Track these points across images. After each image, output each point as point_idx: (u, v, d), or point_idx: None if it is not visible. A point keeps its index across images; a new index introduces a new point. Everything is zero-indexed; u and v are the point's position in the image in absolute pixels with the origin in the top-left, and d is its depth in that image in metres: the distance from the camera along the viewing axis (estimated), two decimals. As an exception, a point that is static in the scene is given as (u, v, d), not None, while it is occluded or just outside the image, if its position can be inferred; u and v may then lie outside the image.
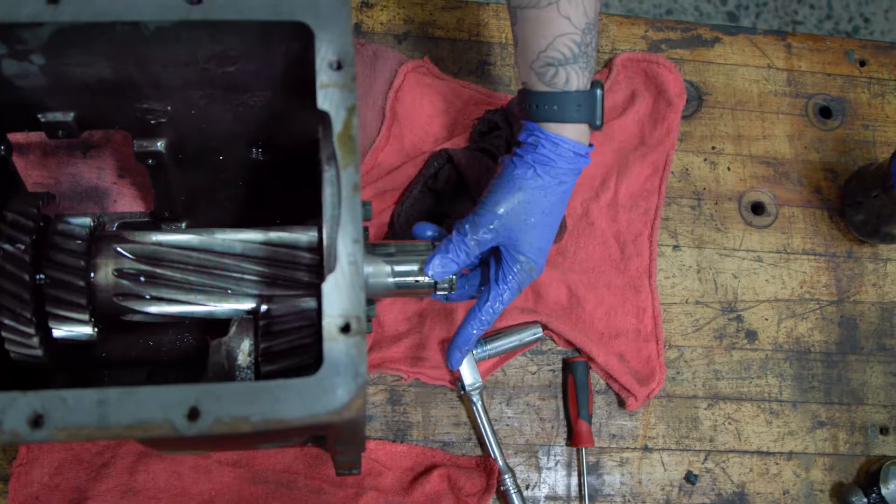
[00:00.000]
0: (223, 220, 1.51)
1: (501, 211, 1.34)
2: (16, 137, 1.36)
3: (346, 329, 1.00)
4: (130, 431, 0.96)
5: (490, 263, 1.41)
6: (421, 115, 1.69)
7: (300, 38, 1.13)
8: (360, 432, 1.11)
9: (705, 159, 1.77)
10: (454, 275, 1.36)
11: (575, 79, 1.31)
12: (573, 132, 1.33)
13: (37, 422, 0.95)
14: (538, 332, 1.59)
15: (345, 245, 1.02)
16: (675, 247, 1.71)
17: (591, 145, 1.37)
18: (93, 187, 1.58)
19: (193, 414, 0.96)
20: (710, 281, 1.70)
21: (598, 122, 1.35)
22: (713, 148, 1.78)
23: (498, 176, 1.36)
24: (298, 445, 1.29)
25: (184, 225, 1.51)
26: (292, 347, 1.24)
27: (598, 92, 1.34)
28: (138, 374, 1.48)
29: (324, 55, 1.07)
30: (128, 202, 1.59)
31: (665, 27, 1.83)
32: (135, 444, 1.48)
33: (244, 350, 1.25)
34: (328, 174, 1.09)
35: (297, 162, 1.41)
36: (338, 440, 1.12)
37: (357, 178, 1.04)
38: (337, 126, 1.05)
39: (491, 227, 1.34)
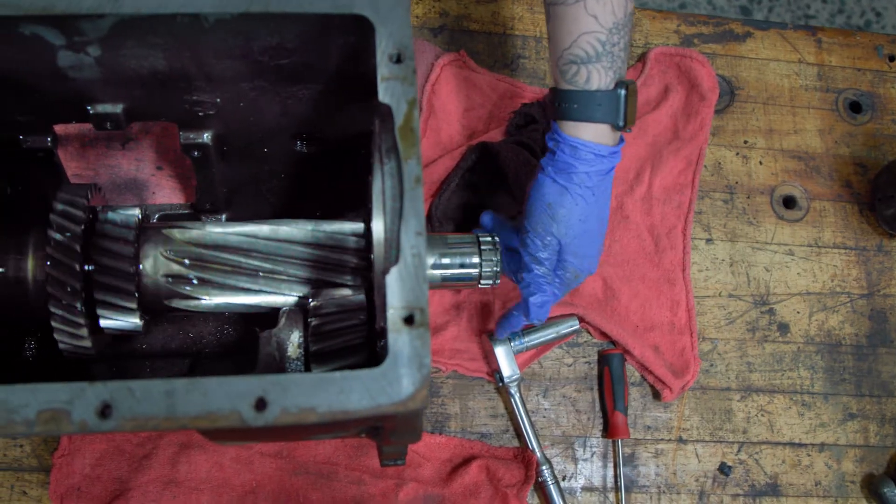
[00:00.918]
0: (263, 212, 1.52)
1: (541, 231, 1.37)
2: (56, 129, 1.36)
3: (409, 320, 1.00)
4: (197, 422, 0.96)
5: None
6: (458, 109, 1.69)
7: (357, 32, 1.13)
8: (418, 423, 1.11)
9: (737, 153, 1.78)
10: (498, 268, 1.37)
11: (596, 78, 1.31)
12: (593, 133, 1.33)
13: (104, 412, 0.95)
14: (575, 324, 1.60)
15: (408, 237, 1.03)
16: (709, 240, 1.72)
17: (620, 141, 1.37)
18: (131, 179, 1.59)
19: (261, 405, 0.96)
20: (742, 274, 1.72)
21: (622, 123, 1.33)
22: (745, 142, 1.79)
23: (530, 194, 1.38)
24: (352, 437, 1.30)
25: (223, 217, 1.51)
26: (342, 340, 1.25)
27: (622, 92, 1.32)
28: (180, 365, 1.49)
29: (384, 48, 1.08)
30: (166, 194, 1.59)
31: (697, 21, 1.84)
32: (176, 436, 1.49)
33: (294, 342, 1.26)
34: (387, 166, 1.09)
35: (340, 155, 1.41)
36: (395, 431, 1.13)
37: (419, 171, 1.05)
38: (398, 119, 1.06)
39: (543, 249, 1.37)
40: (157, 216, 1.54)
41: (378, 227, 1.29)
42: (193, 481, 1.47)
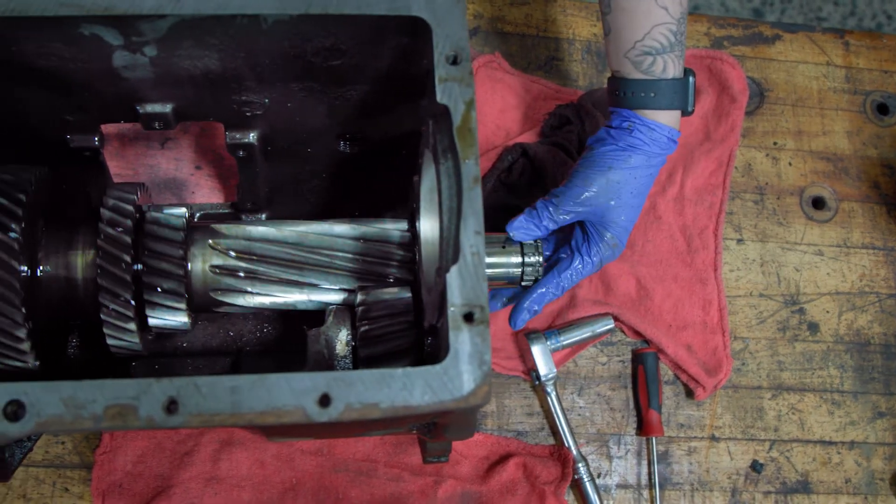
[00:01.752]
0: (303, 211, 1.53)
1: (591, 187, 1.38)
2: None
3: (469, 318, 1.02)
4: (263, 418, 0.98)
5: (575, 235, 1.45)
6: (493, 110, 1.71)
7: (412, 33, 1.15)
8: (474, 419, 1.13)
9: (767, 154, 1.80)
10: (540, 268, 1.39)
11: (671, 67, 1.36)
12: (667, 118, 1.38)
13: (171, 408, 0.96)
14: (609, 323, 1.62)
15: (467, 236, 1.04)
16: (740, 240, 1.74)
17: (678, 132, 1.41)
18: (170, 178, 1.60)
19: (325, 400, 0.98)
20: (773, 274, 1.73)
21: (691, 108, 1.40)
22: (775, 143, 1.81)
23: (588, 155, 1.40)
24: (403, 433, 1.31)
25: (263, 216, 1.53)
26: (389, 337, 1.27)
27: (691, 79, 1.39)
28: (221, 363, 1.50)
29: (441, 50, 1.09)
30: (205, 194, 1.60)
31: (727, 24, 1.86)
32: (217, 433, 1.50)
33: (342, 339, 1.27)
34: (443, 166, 1.10)
35: (381, 155, 1.42)
36: (450, 427, 1.14)
37: (477, 171, 1.06)
38: (456, 119, 1.07)
39: (579, 200, 1.38)
40: (198, 215, 1.55)
41: (426, 225, 1.31)
42: (235, 478, 1.48)
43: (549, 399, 1.58)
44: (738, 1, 3.40)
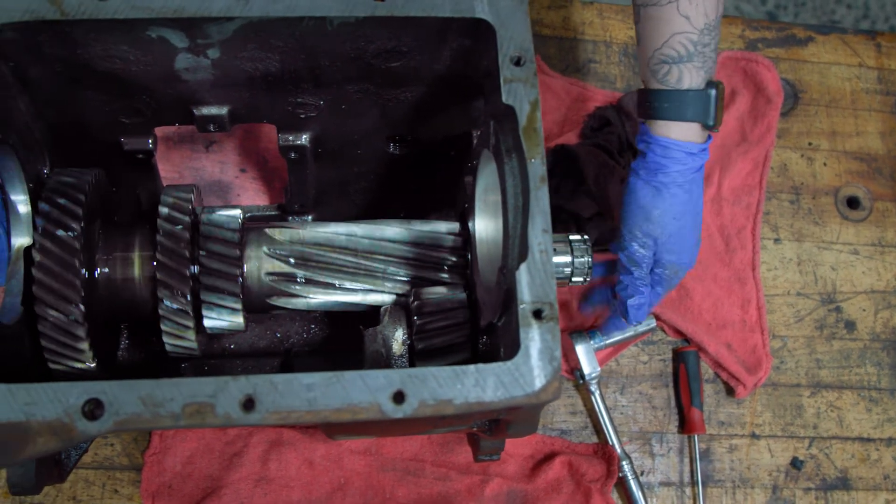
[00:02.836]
0: (349, 212, 1.54)
1: (637, 234, 1.40)
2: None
3: (539, 315, 1.03)
4: (339, 415, 0.99)
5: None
6: (532, 112, 1.72)
7: (474, 35, 1.16)
8: (538, 415, 1.14)
9: (802, 155, 1.82)
10: (589, 267, 1.40)
11: (688, 77, 1.34)
12: (683, 132, 1.36)
13: (248, 405, 0.98)
14: (652, 322, 1.63)
15: (535, 234, 1.06)
16: (777, 240, 1.76)
17: (708, 139, 1.40)
18: (216, 181, 1.61)
19: (399, 397, 0.99)
20: (809, 273, 1.75)
21: (711, 122, 1.36)
22: (809, 144, 1.83)
23: (624, 198, 1.42)
24: (464, 430, 1.32)
25: (310, 218, 1.54)
26: (445, 337, 1.28)
27: (712, 92, 1.35)
28: (270, 364, 1.51)
29: (506, 51, 1.11)
30: (250, 196, 1.61)
31: (761, 27, 1.88)
32: (266, 434, 1.51)
33: (398, 339, 1.28)
34: (508, 166, 1.12)
35: (429, 156, 1.44)
36: (514, 423, 1.15)
37: (544, 170, 1.07)
38: (521, 120, 1.09)
39: (641, 250, 1.41)
40: (245, 217, 1.56)
41: (481, 225, 1.32)
42: (284, 478, 1.49)
43: (592, 398, 1.59)
44: (753, 5, 3.42)
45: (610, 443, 1.58)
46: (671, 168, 1.36)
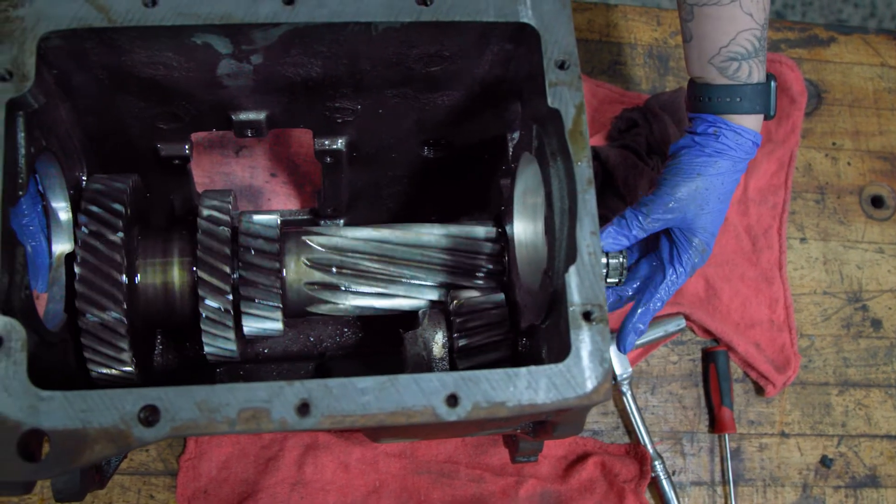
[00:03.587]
0: (382, 216, 1.55)
1: (680, 195, 1.38)
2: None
3: (588, 317, 1.04)
4: (393, 419, 0.99)
5: (662, 247, 1.45)
6: (559, 114, 1.73)
7: (517, 40, 1.17)
8: (585, 416, 1.14)
9: (826, 155, 1.83)
10: (624, 268, 1.40)
11: (756, 72, 1.37)
12: (751, 122, 1.39)
13: (303, 410, 0.98)
14: (682, 322, 1.64)
15: (584, 237, 1.06)
16: (802, 239, 1.77)
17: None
18: (246, 186, 1.61)
19: (453, 400, 0.99)
20: (835, 272, 1.76)
21: (773, 112, 1.41)
22: (833, 144, 1.84)
23: (675, 162, 1.40)
24: (509, 432, 1.33)
25: (342, 222, 1.54)
26: (486, 339, 1.28)
27: (773, 84, 1.40)
28: (304, 368, 1.51)
29: (550, 55, 1.11)
30: (281, 201, 1.62)
31: (783, 27, 1.89)
32: (301, 438, 1.51)
33: (438, 342, 1.29)
34: (554, 169, 1.12)
35: (465, 160, 1.44)
36: (562, 425, 1.16)
37: (590, 173, 1.08)
38: (567, 123, 1.09)
39: (668, 208, 1.38)
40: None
41: (519, 228, 1.32)
42: (320, 482, 1.49)
43: (624, 398, 1.60)
44: (760, 4, 3.43)
45: (642, 443, 1.58)
46: (738, 153, 1.39)
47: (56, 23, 1.05)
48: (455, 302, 1.29)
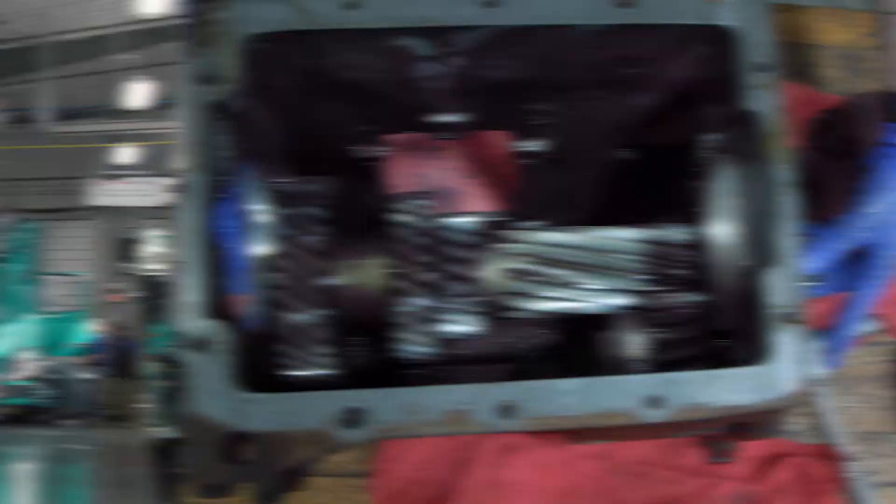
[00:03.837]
0: (576, 218, 1.53)
1: (873, 211, 1.36)
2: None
3: (790, 318, 1.03)
4: (595, 420, 1.00)
5: (857, 260, 1.41)
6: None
7: (715, 42, 1.14)
8: (783, 417, 1.13)
9: None
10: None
11: None
12: None
13: (506, 412, 0.99)
14: (877, 323, 1.59)
15: (784, 239, 1.05)
16: None
17: None
18: (442, 188, 1.63)
19: (657, 402, 0.99)
20: None
21: None
22: None
23: (871, 175, 1.38)
24: (707, 433, 1.32)
25: (537, 224, 1.54)
26: (682, 340, 1.27)
27: None
28: (498, 369, 1.51)
29: (749, 58, 1.10)
30: (476, 202, 1.62)
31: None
32: (498, 439, 1.51)
33: (635, 343, 1.28)
34: (751, 171, 1.11)
35: (659, 161, 1.42)
36: (759, 426, 1.14)
37: (790, 176, 1.07)
38: (766, 125, 1.08)
39: (864, 226, 1.35)
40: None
41: (717, 229, 1.30)
42: (516, 483, 1.50)
43: (819, 399, 1.56)
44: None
45: (836, 444, 1.54)
46: None
47: (258, 26, 1.07)
48: (650, 304, 1.28)
